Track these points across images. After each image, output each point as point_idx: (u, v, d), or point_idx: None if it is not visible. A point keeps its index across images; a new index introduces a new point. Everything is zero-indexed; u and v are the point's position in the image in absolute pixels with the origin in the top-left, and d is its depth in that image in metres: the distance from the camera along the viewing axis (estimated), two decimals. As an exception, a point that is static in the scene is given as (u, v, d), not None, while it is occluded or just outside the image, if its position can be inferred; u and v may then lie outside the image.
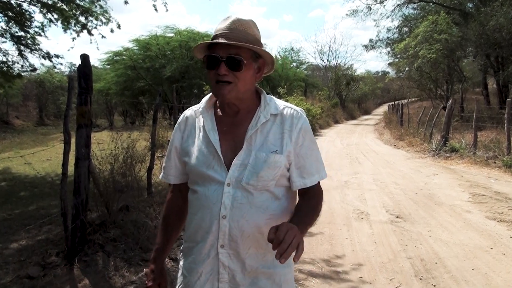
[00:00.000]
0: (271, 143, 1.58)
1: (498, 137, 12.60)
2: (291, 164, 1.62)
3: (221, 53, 1.51)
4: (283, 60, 35.18)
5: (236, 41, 1.51)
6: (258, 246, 1.57)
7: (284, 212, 1.62)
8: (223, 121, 1.64)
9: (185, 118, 1.74)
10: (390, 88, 58.12)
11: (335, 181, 9.00)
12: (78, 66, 4.32)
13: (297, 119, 1.63)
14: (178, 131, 1.74)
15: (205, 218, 1.57)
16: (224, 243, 1.55)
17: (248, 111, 1.63)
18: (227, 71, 1.51)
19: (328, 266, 4.43)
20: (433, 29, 20.82)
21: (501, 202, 6.85)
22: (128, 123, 32.04)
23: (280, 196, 1.62)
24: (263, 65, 1.65)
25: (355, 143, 17.62)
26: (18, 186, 8.64)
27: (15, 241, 5.04)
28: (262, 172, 1.54)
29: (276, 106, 1.65)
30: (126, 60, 24.34)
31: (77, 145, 4.34)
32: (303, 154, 1.63)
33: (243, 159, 1.55)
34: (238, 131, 1.60)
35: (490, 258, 4.59)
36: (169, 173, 1.79)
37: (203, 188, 1.59)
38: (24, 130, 27.55)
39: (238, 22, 1.56)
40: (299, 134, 1.61)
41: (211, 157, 1.58)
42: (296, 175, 1.63)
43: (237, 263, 1.57)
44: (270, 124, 1.61)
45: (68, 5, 10.53)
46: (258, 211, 1.56)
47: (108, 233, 4.75)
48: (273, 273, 1.61)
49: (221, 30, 1.55)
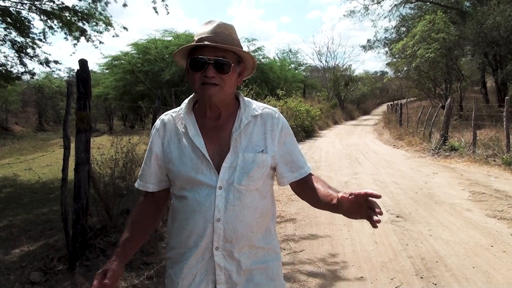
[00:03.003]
0: (256, 144, 1.62)
1: (497, 135, 12.63)
2: (277, 162, 1.68)
3: (208, 56, 1.52)
4: (282, 62, 35.18)
5: (223, 44, 1.53)
6: (251, 244, 1.62)
7: (270, 209, 1.71)
8: (206, 124, 1.65)
9: (163, 124, 1.71)
10: (389, 88, 58.08)
11: (335, 181, 9.00)
12: (77, 71, 4.33)
13: (276, 119, 1.70)
14: (157, 137, 1.70)
15: (198, 223, 1.57)
16: (219, 245, 1.57)
17: (229, 114, 1.66)
18: (215, 74, 1.52)
19: (329, 266, 4.43)
20: (430, 28, 20.86)
21: (501, 200, 6.86)
22: (128, 127, 32.06)
23: (266, 194, 1.68)
24: (244, 70, 1.68)
25: (355, 144, 17.62)
26: (18, 192, 8.65)
27: (16, 247, 5.06)
28: (252, 172, 1.58)
29: (255, 107, 1.69)
30: (125, 64, 24.36)
31: (76, 150, 4.35)
32: (288, 150, 1.71)
33: (231, 161, 1.58)
34: (223, 134, 1.62)
35: (490, 256, 4.59)
36: (148, 181, 1.75)
37: (193, 193, 1.58)
38: (23, 136, 27.59)
39: (223, 26, 1.59)
40: (281, 133, 1.68)
41: (199, 162, 1.58)
42: (286, 171, 1.71)
43: (232, 263, 1.59)
44: (252, 125, 1.65)
45: (67, 12, 10.57)
46: (249, 211, 1.60)
47: (109, 237, 4.76)
48: (267, 267, 1.67)
49: (206, 34, 1.56)
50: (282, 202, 6.57)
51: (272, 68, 30.32)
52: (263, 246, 1.66)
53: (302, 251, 4.89)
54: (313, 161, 12.08)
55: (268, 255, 1.68)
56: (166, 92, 22.01)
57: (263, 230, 1.67)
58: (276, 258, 1.72)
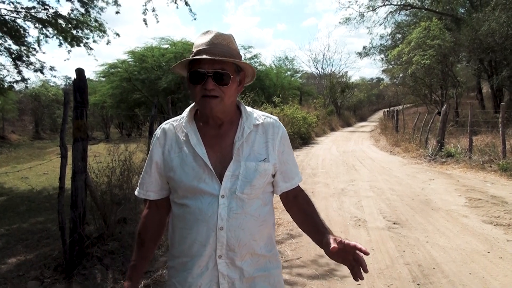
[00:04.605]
0: (258, 152, 1.64)
1: (493, 141, 12.67)
2: (276, 170, 1.71)
3: (207, 68, 1.53)
4: (278, 69, 35.24)
5: (221, 56, 1.54)
6: (253, 252, 1.63)
7: (271, 217, 1.74)
8: (207, 133, 1.66)
9: (163, 132, 1.72)
10: (385, 94, 58.21)
11: (332, 188, 9.02)
12: (73, 80, 4.35)
13: (277, 128, 1.72)
14: (157, 146, 1.70)
15: (201, 231, 1.57)
16: (222, 253, 1.58)
17: (231, 123, 1.67)
18: (214, 86, 1.53)
19: (326, 273, 4.43)
20: (426, 35, 20.96)
21: (497, 206, 6.89)
22: (125, 135, 32.03)
23: (267, 202, 1.71)
24: (244, 78, 1.69)
25: (351, 150, 17.65)
26: (15, 200, 8.63)
27: (13, 256, 5.04)
28: (254, 181, 1.60)
29: (257, 116, 1.71)
30: (121, 72, 24.32)
31: (73, 158, 4.35)
32: (285, 160, 1.74)
33: (233, 170, 1.59)
34: (224, 143, 1.64)
35: (487, 262, 4.61)
36: (149, 189, 1.75)
37: (195, 201, 1.59)
38: (20, 145, 27.55)
39: (221, 37, 1.60)
40: (280, 142, 1.71)
41: (201, 171, 1.59)
42: (280, 180, 1.74)
43: (235, 271, 1.60)
44: (253, 134, 1.66)
45: (62, 19, 10.60)
46: (252, 219, 1.61)
47: (106, 246, 4.75)
48: (269, 274, 1.68)
49: (204, 45, 1.57)
50: (280, 209, 6.57)
51: (269, 75, 30.34)
52: (265, 254, 1.68)
53: (298, 258, 4.89)
54: (310, 168, 12.08)
55: (270, 262, 1.70)
56: (163, 100, 21.97)
57: (265, 238, 1.68)
58: (277, 265, 1.74)
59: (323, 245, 1.61)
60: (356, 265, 1.50)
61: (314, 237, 1.71)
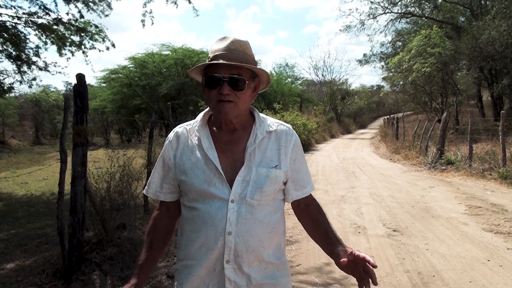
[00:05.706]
0: (269, 159, 1.64)
1: (493, 149, 12.66)
2: (288, 178, 1.70)
3: (223, 73, 1.54)
4: (278, 76, 35.34)
5: (237, 62, 1.55)
6: (261, 259, 1.62)
7: (281, 224, 1.72)
8: (220, 138, 1.66)
9: (176, 136, 1.73)
10: (385, 102, 58.23)
11: (331, 195, 9.00)
12: (74, 85, 4.36)
13: (290, 135, 1.72)
14: (169, 149, 1.72)
15: (210, 235, 1.57)
16: (230, 258, 1.57)
17: (244, 128, 1.68)
18: (230, 91, 1.54)
19: (326, 280, 4.41)
20: (426, 43, 21.03)
21: (497, 214, 6.87)
22: (125, 141, 32.00)
23: (278, 209, 1.70)
24: (258, 84, 1.70)
25: (352, 157, 17.64)
26: (14, 206, 8.62)
27: (12, 261, 5.03)
28: (265, 187, 1.59)
29: (270, 123, 1.71)
30: (122, 78, 24.41)
31: (73, 164, 4.35)
32: (297, 168, 1.73)
33: (244, 175, 1.59)
34: (237, 148, 1.64)
35: (487, 270, 4.59)
36: (158, 190, 1.78)
37: (205, 205, 1.59)
38: (20, 150, 27.53)
39: (237, 43, 1.61)
40: (293, 149, 1.70)
41: (212, 175, 1.59)
42: (291, 188, 1.73)
43: (242, 277, 1.59)
44: (266, 141, 1.66)
45: (62, 25, 10.61)
46: (261, 225, 1.61)
47: (105, 252, 4.74)
48: (277, 283, 1.67)
49: (221, 51, 1.59)
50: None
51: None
52: (273, 261, 1.66)
53: (298, 265, 4.88)
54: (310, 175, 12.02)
55: (278, 270, 1.68)
56: (163, 106, 22.01)
57: (274, 245, 1.67)
58: (285, 274, 1.72)
59: (334, 255, 1.63)
60: (366, 277, 1.52)
61: (324, 247, 1.72)
